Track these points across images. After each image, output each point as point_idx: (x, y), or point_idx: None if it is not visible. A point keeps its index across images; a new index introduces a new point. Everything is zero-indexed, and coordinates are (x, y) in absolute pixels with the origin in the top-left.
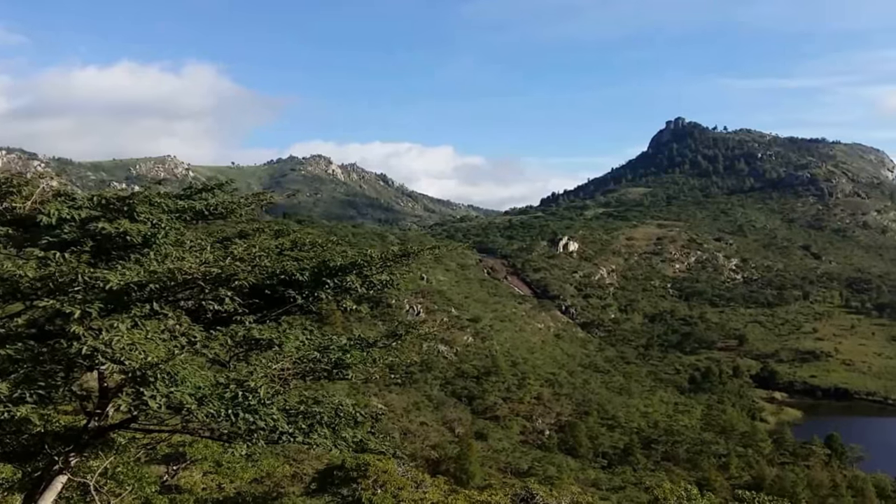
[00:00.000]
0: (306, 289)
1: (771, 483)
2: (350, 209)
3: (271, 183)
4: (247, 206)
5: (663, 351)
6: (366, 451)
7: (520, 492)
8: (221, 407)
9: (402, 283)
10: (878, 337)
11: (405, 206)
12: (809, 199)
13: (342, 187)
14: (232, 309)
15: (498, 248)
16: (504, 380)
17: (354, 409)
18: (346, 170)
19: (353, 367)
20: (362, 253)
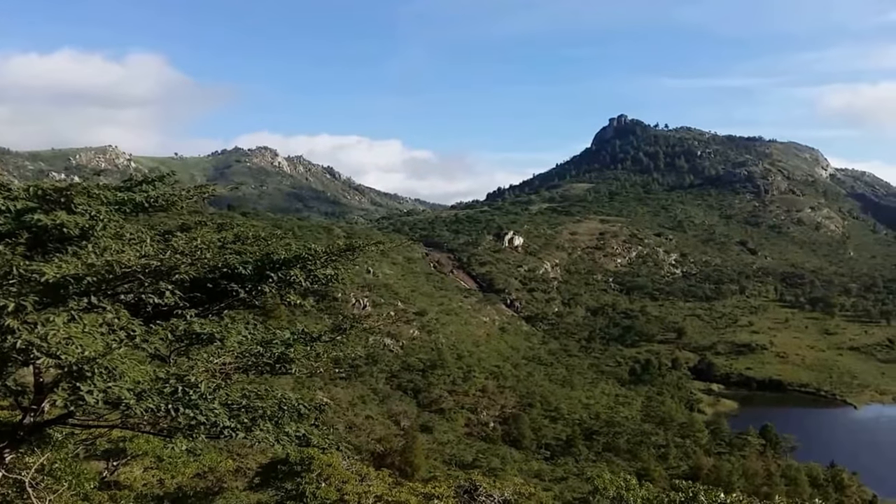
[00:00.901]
0: (249, 282)
1: (707, 473)
2: (296, 202)
3: (216, 174)
4: (188, 198)
5: (605, 344)
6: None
7: (464, 483)
8: (161, 402)
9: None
10: (810, 330)
11: (352, 200)
12: (746, 196)
13: (288, 180)
14: (173, 303)
15: (444, 242)
16: (449, 373)
17: (298, 403)
18: (293, 162)
19: (296, 361)
20: (307, 247)
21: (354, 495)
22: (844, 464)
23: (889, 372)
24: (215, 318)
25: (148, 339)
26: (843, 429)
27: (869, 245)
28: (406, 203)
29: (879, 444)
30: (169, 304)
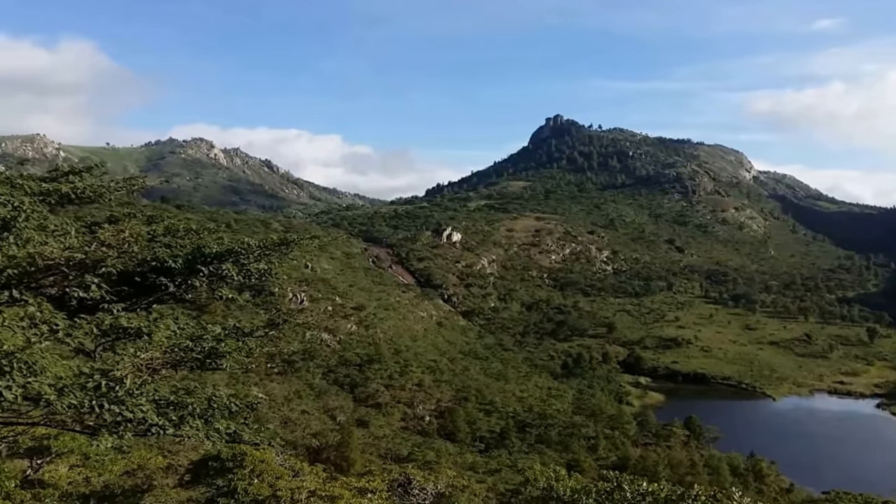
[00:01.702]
0: (179, 276)
1: (635, 463)
2: (233, 195)
3: (149, 166)
4: (117, 190)
5: (539, 338)
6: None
7: (398, 477)
8: (84, 398)
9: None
10: (733, 325)
11: (290, 194)
12: (675, 196)
13: (225, 172)
14: (99, 296)
15: (383, 237)
16: (387, 367)
17: (229, 400)
18: (230, 154)
19: (228, 356)
20: (239, 240)
21: (287, 491)
22: (764, 453)
23: (806, 365)
24: (143, 312)
25: (72, 334)
26: (762, 420)
27: (789, 244)
28: (345, 198)
29: (796, 434)
30: (95, 298)
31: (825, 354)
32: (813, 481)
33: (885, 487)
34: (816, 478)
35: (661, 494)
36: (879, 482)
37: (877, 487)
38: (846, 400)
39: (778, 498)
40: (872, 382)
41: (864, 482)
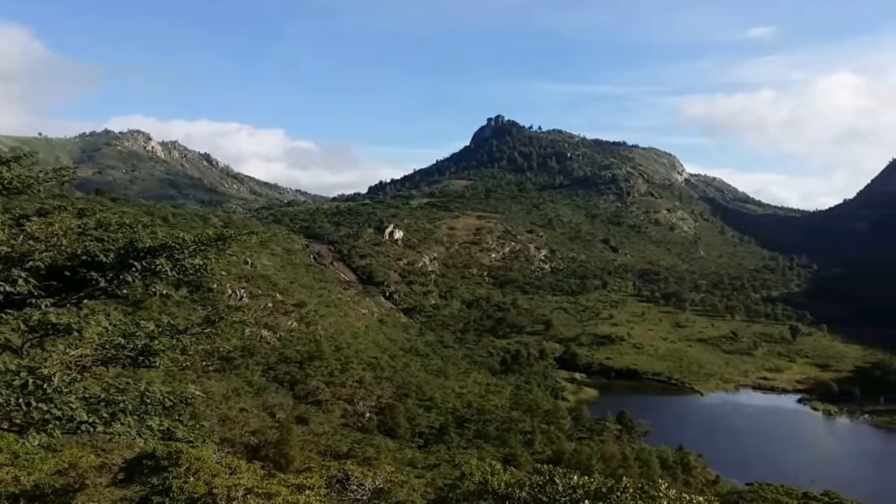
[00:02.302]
0: (110, 271)
1: (569, 457)
2: (170, 189)
3: (83, 157)
4: (47, 181)
5: (478, 335)
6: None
7: (337, 473)
8: (11, 395)
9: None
10: (664, 323)
11: (230, 188)
12: (610, 197)
13: (162, 165)
14: (26, 291)
15: (325, 233)
16: (327, 364)
17: (163, 397)
18: (167, 147)
19: (161, 354)
20: (174, 235)
21: (224, 489)
22: (691, 447)
23: (732, 362)
24: (73, 308)
25: None
26: (690, 414)
27: (717, 245)
28: (287, 193)
29: (723, 428)
30: (22, 293)
31: (750, 351)
32: (738, 473)
33: (805, 479)
34: (741, 470)
35: (592, 487)
36: (800, 474)
37: (797, 479)
38: (770, 395)
39: (704, 489)
40: (794, 378)
41: (785, 474)
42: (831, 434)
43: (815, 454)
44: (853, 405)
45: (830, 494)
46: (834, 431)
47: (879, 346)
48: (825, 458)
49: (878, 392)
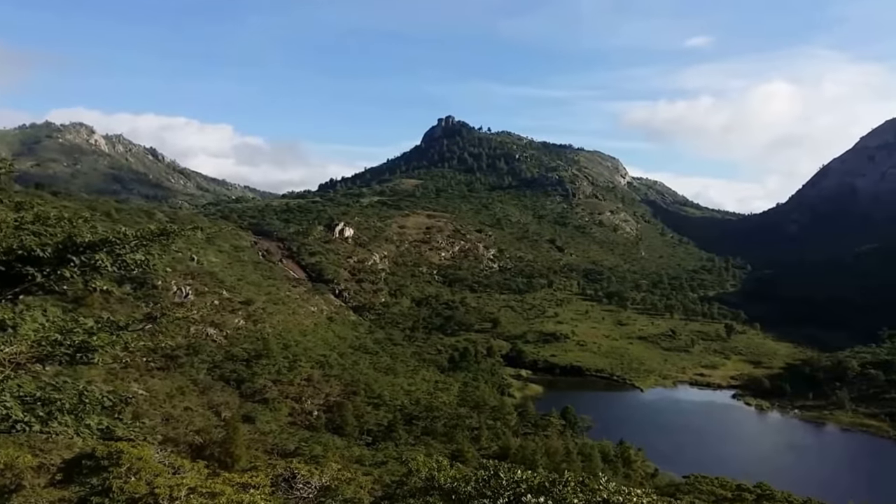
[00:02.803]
0: (48, 266)
1: (515, 452)
2: (115, 183)
3: (23, 150)
4: None
5: (427, 333)
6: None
7: (283, 472)
8: None
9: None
10: (606, 321)
11: (177, 184)
12: (557, 199)
13: (106, 159)
14: None
15: (274, 230)
16: (275, 362)
17: (102, 395)
18: (112, 141)
19: (100, 350)
20: (115, 229)
21: (166, 488)
22: (632, 441)
23: (670, 359)
24: (9, 304)
25: None
26: (631, 409)
27: (657, 246)
28: (235, 189)
29: (661, 423)
30: None
31: (688, 349)
32: (675, 466)
33: (739, 471)
34: (678, 463)
35: (535, 481)
36: (734, 466)
37: (732, 471)
38: (706, 391)
39: (644, 482)
40: (729, 375)
41: (720, 466)
42: (763, 428)
43: (748, 448)
44: (784, 400)
45: (763, 486)
46: (766, 426)
47: (808, 343)
48: (758, 451)
49: (807, 388)
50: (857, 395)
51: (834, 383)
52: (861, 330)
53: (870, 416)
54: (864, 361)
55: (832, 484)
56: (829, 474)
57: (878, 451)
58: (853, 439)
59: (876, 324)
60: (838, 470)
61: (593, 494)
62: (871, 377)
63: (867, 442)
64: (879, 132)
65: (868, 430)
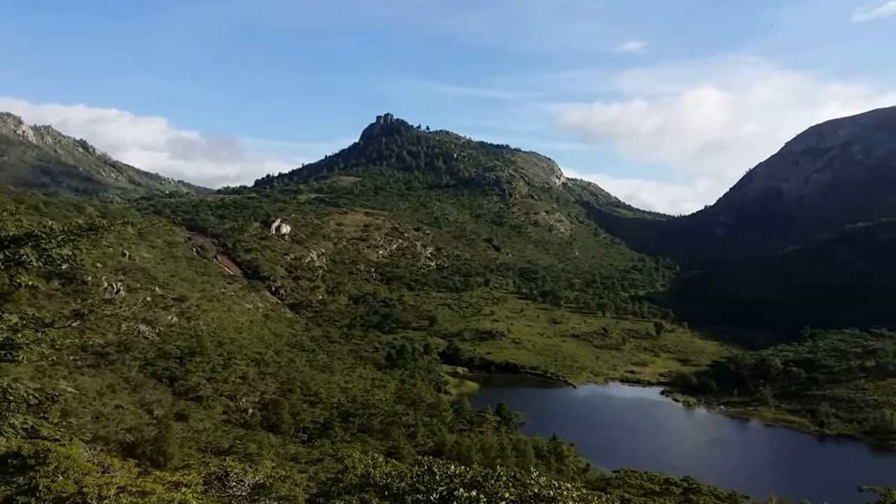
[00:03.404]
0: None
1: (450, 448)
2: (43, 176)
3: None
4: None
5: (365, 330)
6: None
7: (216, 470)
8: None
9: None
10: (541, 319)
11: (108, 177)
12: (494, 198)
13: (34, 151)
14: None
15: (209, 226)
16: (209, 360)
17: (27, 393)
18: (40, 132)
19: (24, 347)
20: (41, 223)
21: (94, 488)
22: (564, 436)
23: (602, 356)
24: None
25: None
26: (564, 406)
27: (591, 246)
28: (169, 184)
29: (593, 419)
30: None
31: (619, 346)
32: (606, 461)
33: (667, 465)
34: (609, 457)
35: (468, 476)
36: (662, 461)
37: (660, 465)
38: (636, 387)
39: (575, 477)
40: (658, 372)
41: (649, 461)
42: (691, 424)
43: (676, 443)
44: (710, 397)
45: (689, 480)
46: (693, 421)
47: (734, 342)
48: (685, 446)
49: (733, 385)
50: (779, 391)
51: (758, 380)
52: (784, 328)
53: (791, 412)
54: (786, 359)
55: (756, 478)
56: (753, 469)
57: (799, 446)
58: (776, 434)
59: (798, 323)
60: (762, 464)
61: (525, 489)
62: (794, 374)
63: (789, 437)
64: (803, 138)
65: (790, 426)
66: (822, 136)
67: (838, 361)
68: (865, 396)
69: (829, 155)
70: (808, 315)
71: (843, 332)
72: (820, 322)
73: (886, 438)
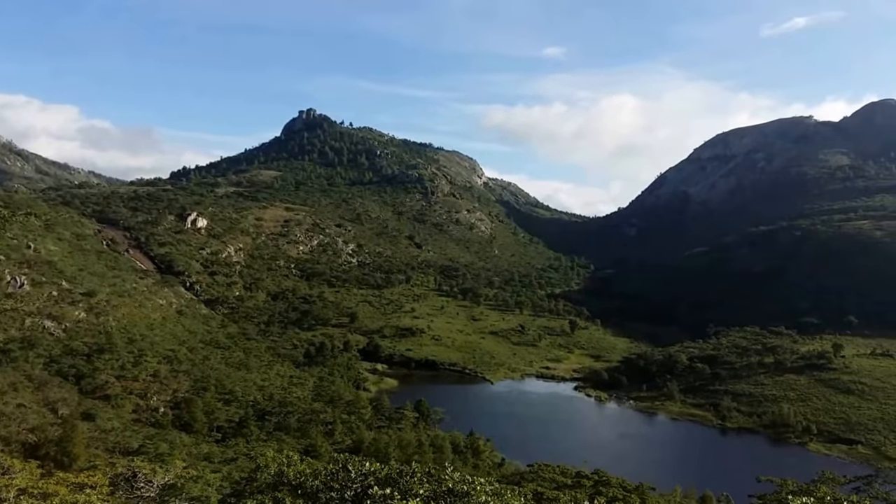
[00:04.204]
0: None
1: (368, 445)
2: None
3: None
4: None
5: (283, 327)
6: None
7: (124, 471)
8: None
9: None
10: (461, 316)
11: (13, 166)
12: (416, 196)
13: None
14: None
15: (121, 219)
16: (119, 357)
17: None
18: None
19: None
20: None
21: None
22: (481, 432)
23: (519, 353)
24: None
25: None
26: (482, 402)
27: (510, 245)
28: (79, 174)
29: (509, 414)
30: None
31: (535, 343)
32: (521, 455)
33: (579, 458)
34: (524, 452)
35: (382, 473)
36: (575, 454)
37: (572, 459)
38: (551, 383)
39: (491, 471)
40: (572, 368)
41: (562, 455)
42: (602, 418)
43: (588, 436)
44: (620, 392)
45: (600, 473)
46: (604, 416)
47: (643, 338)
48: (597, 439)
49: (642, 380)
50: (685, 386)
51: (665, 376)
52: (691, 326)
53: (696, 406)
54: (692, 356)
55: (662, 470)
56: (660, 461)
57: (703, 439)
58: (681, 428)
59: (704, 321)
60: (668, 457)
61: (439, 484)
62: (698, 370)
63: (693, 430)
64: (710, 145)
65: (694, 420)
66: (728, 144)
67: (740, 358)
68: (764, 391)
69: (734, 162)
70: (712, 313)
71: (744, 329)
72: (724, 320)
73: (783, 432)
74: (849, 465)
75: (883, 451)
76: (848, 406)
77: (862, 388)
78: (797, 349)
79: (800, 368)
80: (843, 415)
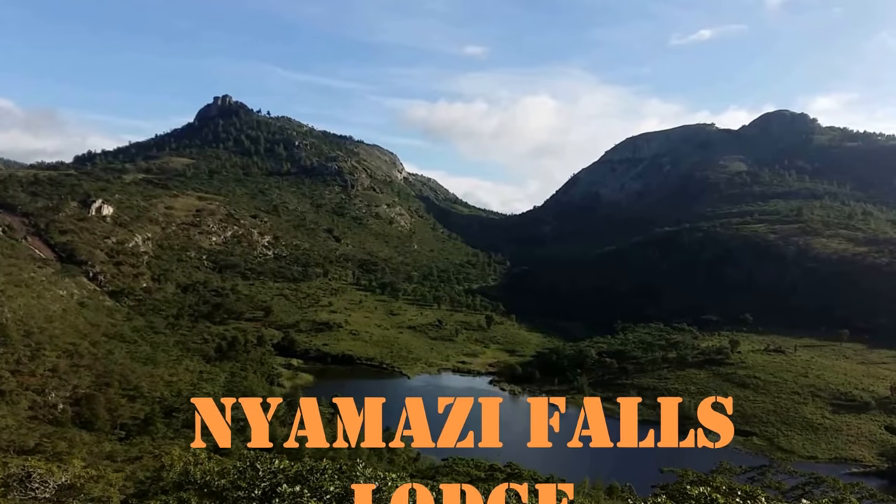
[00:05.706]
0: None
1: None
2: None
3: None
4: None
5: (194, 321)
6: None
7: (16, 471)
8: None
9: None
10: (379, 311)
11: None
12: (335, 189)
13: None
14: None
15: (18, 204)
16: (14, 351)
17: None
18: None
19: None
20: None
21: None
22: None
23: (436, 348)
24: None
25: None
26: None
27: (429, 240)
28: None
29: (425, 409)
30: None
31: (452, 338)
32: (435, 450)
33: (492, 452)
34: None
35: (292, 471)
36: (488, 448)
37: (485, 452)
38: (467, 377)
39: (406, 466)
40: (487, 362)
41: (476, 449)
42: (515, 411)
43: (501, 430)
44: (534, 386)
45: (512, 466)
46: (517, 410)
47: (556, 333)
48: (510, 433)
49: (553, 374)
50: (594, 380)
51: (576, 370)
52: (600, 321)
53: (605, 400)
54: (601, 350)
55: (572, 462)
56: (570, 453)
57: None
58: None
59: (612, 316)
60: (578, 449)
61: (350, 481)
62: (607, 364)
63: None
64: (621, 148)
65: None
66: (637, 148)
67: (645, 353)
68: (667, 385)
69: (642, 165)
70: (620, 309)
71: (649, 325)
72: (630, 316)
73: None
74: (745, 455)
75: (776, 442)
76: (744, 399)
77: (756, 383)
78: (698, 345)
79: (700, 363)
80: (738, 407)
